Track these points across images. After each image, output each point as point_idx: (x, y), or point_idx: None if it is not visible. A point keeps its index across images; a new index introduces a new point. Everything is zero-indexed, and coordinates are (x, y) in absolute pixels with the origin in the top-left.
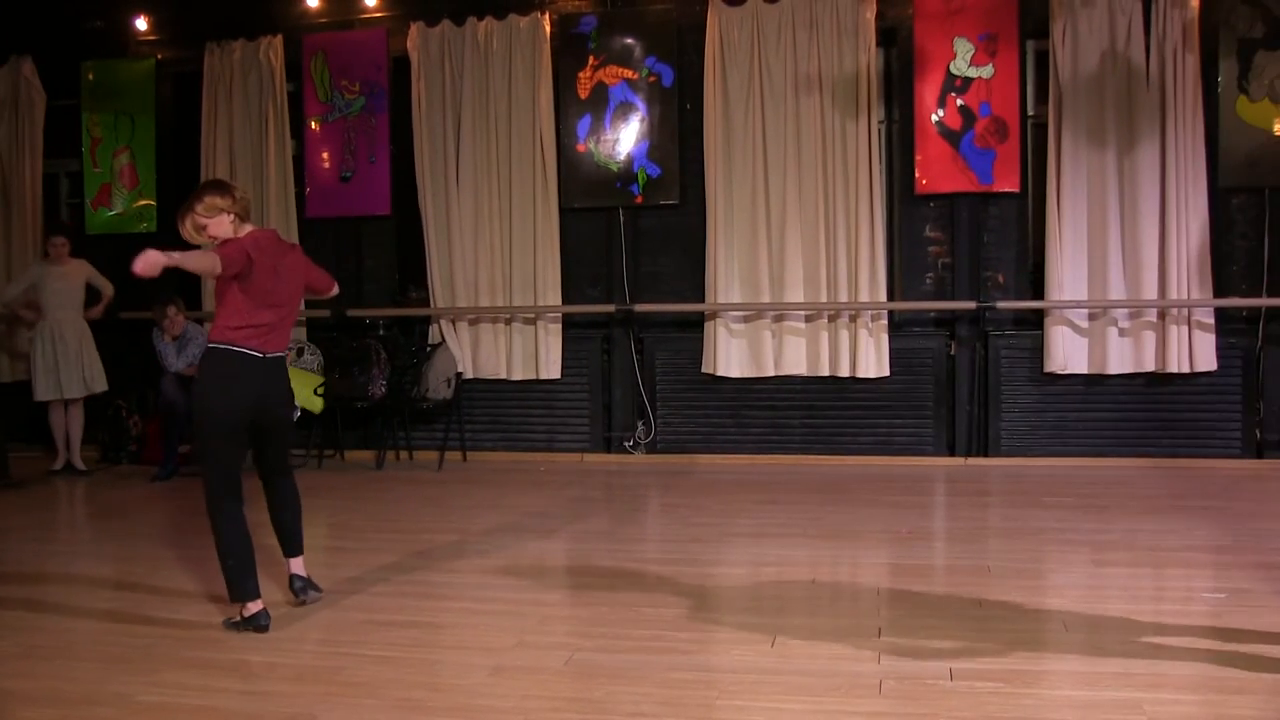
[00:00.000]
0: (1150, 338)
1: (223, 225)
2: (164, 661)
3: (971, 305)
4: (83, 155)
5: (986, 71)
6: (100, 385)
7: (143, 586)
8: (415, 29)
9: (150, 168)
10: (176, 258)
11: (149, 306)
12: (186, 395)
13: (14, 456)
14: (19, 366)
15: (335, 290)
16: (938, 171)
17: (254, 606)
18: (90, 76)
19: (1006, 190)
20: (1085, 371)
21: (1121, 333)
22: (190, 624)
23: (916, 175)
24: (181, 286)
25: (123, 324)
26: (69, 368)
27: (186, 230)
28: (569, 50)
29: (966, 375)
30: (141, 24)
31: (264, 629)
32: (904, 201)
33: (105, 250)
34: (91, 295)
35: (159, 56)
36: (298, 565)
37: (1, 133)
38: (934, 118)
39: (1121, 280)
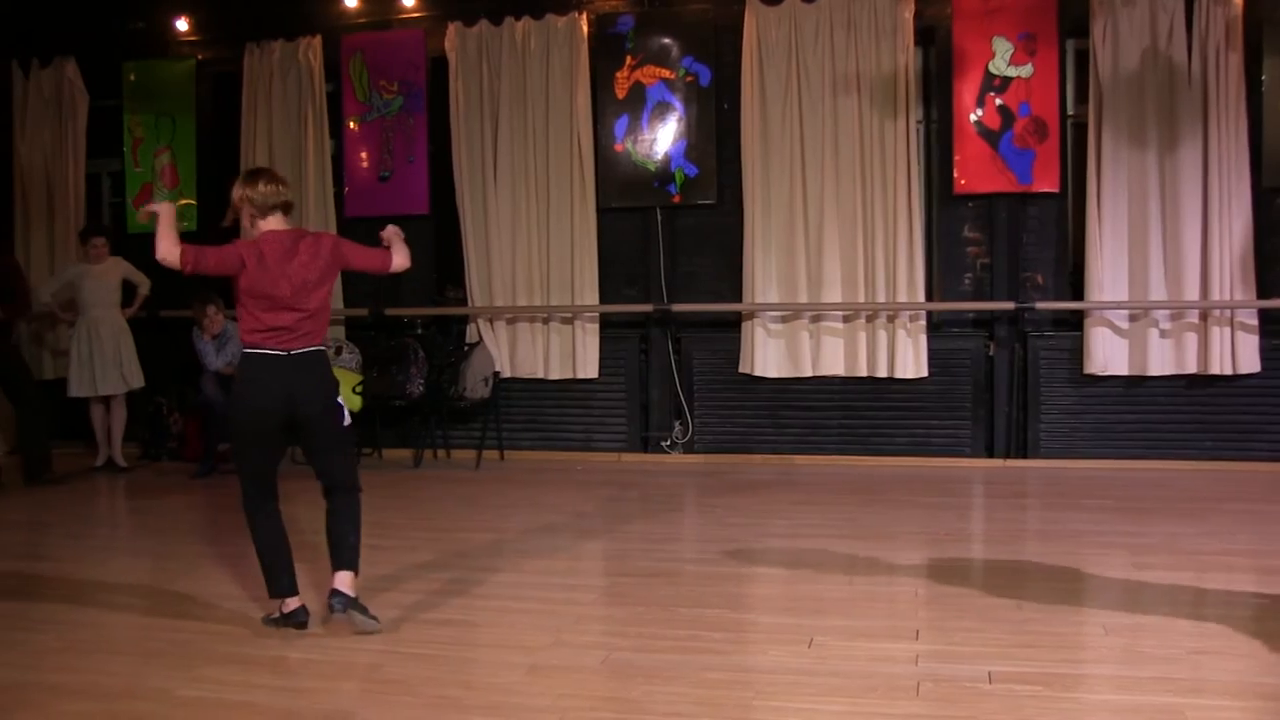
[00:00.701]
0: (1192, 339)
1: (245, 217)
2: (203, 657)
3: (1010, 306)
4: (124, 155)
5: (1025, 71)
6: (137, 382)
7: (181, 583)
8: (453, 29)
9: (190, 167)
10: (165, 225)
11: (189, 305)
12: (225, 394)
13: (58, 454)
14: (60, 363)
15: (399, 263)
16: (976, 171)
17: (292, 603)
18: (132, 77)
19: (1046, 190)
20: (1126, 373)
21: (1163, 334)
22: (229, 620)
23: (955, 175)
24: (221, 286)
25: (163, 322)
26: (104, 365)
27: (235, 219)
28: (606, 50)
29: (1005, 376)
30: (182, 25)
31: (302, 625)
32: (942, 202)
33: (146, 249)
34: (129, 292)
35: (199, 57)
36: (342, 580)
37: (46, 133)
38: (972, 117)
39: (1163, 281)
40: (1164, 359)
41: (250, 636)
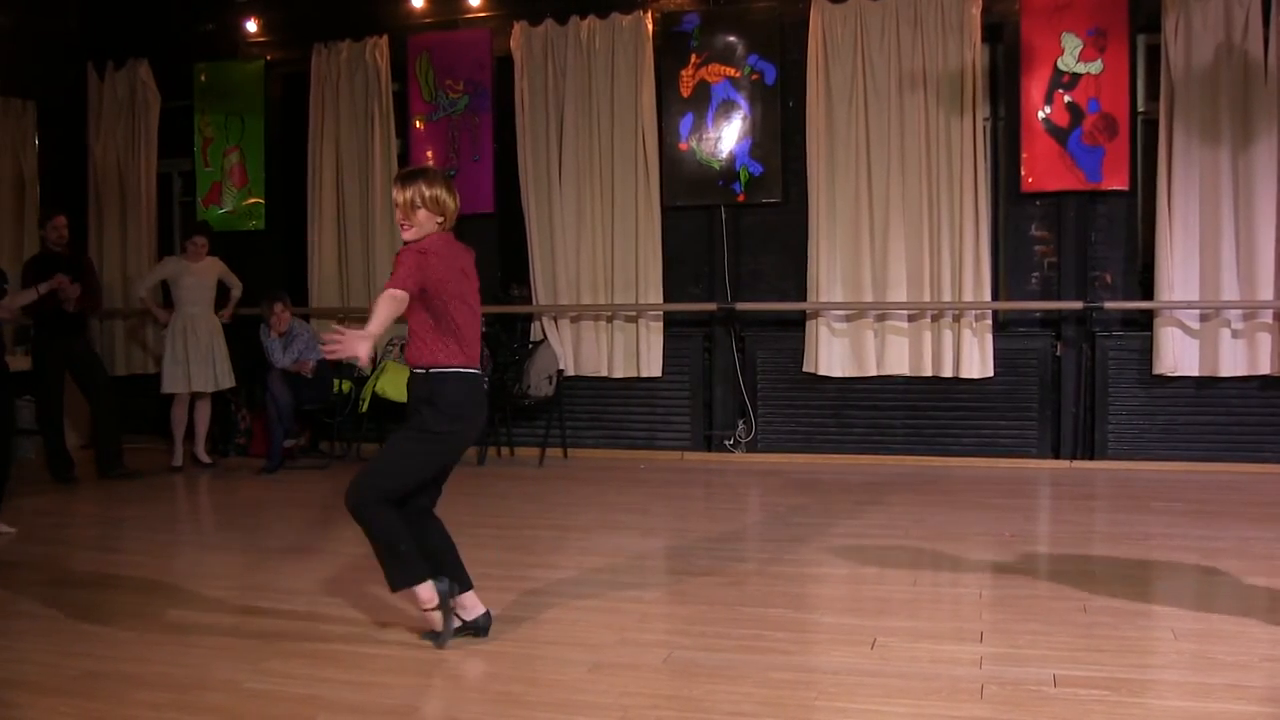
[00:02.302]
0: (1266, 339)
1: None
2: (270, 650)
3: (1078, 305)
4: (195, 154)
5: (1095, 67)
6: (228, 381)
7: (250, 577)
8: (518, 28)
9: (259, 166)
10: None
11: (257, 303)
12: (292, 391)
13: (129, 449)
14: (136, 359)
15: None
16: (1044, 169)
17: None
18: (202, 78)
19: (1115, 188)
20: (1196, 374)
21: (1235, 334)
22: (296, 615)
23: (1023, 173)
24: (289, 281)
25: (231, 320)
26: (199, 363)
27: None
28: (671, 48)
29: (1073, 376)
30: (251, 26)
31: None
32: (1009, 200)
33: (215, 246)
34: (222, 293)
35: (268, 58)
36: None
37: (119, 133)
38: (1041, 115)
39: (1235, 280)
40: (1236, 360)
41: (316, 630)
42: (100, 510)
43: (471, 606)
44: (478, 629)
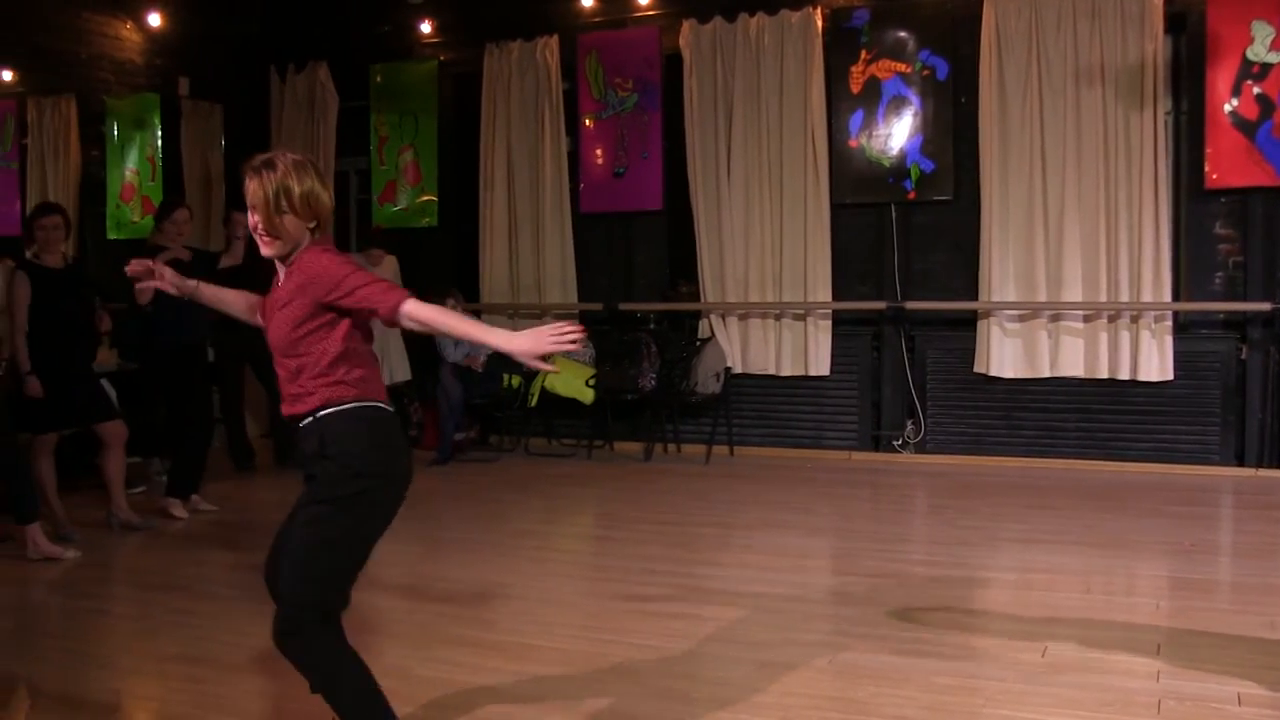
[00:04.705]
0: None
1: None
2: (439, 638)
3: (1266, 307)
4: (370, 153)
5: None
6: (402, 375)
7: (421, 566)
8: (687, 26)
9: (432, 165)
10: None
11: (425, 297)
12: (463, 385)
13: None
14: None
15: None
16: (1230, 165)
17: None
18: (378, 79)
19: None
20: None
21: None
22: (464, 603)
23: (1206, 169)
24: (461, 278)
25: None
26: None
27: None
28: (841, 44)
29: (1259, 381)
30: (425, 28)
31: None
32: (1191, 197)
33: (389, 243)
34: None
35: (441, 58)
36: None
37: (300, 133)
38: (1227, 108)
39: None
40: None
41: (483, 619)
42: (279, 496)
43: None
44: None
